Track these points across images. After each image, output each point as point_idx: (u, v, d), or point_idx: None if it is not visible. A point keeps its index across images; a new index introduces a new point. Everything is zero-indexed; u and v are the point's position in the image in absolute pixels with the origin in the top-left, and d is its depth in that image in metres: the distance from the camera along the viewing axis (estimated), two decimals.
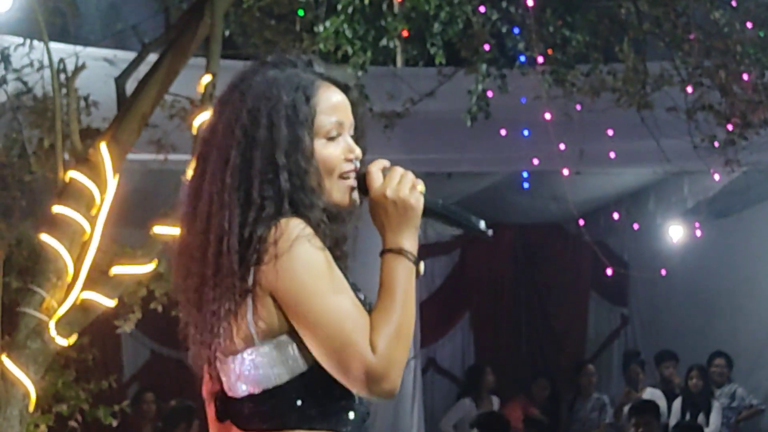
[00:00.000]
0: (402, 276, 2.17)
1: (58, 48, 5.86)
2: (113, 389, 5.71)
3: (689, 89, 6.99)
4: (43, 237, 4.85)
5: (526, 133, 7.61)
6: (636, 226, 9.90)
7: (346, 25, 6.44)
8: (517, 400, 9.57)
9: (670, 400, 9.18)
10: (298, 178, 2.18)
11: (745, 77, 6.87)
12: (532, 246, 10.82)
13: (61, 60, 5.32)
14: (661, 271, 9.06)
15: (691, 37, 6.86)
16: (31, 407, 4.75)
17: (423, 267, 2.26)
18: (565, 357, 10.69)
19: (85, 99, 5.55)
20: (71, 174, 4.95)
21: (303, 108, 2.21)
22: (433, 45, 6.73)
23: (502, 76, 6.96)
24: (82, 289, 4.82)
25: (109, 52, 6.91)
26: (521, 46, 7.02)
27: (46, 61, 5.32)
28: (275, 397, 2.15)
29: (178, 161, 5.27)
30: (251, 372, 2.16)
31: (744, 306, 9.66)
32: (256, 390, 2.16)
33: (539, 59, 6.84)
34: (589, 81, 7.18)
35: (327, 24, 6.49)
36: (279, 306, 2.12)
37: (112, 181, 4.98)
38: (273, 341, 2.14)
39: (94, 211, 4.95)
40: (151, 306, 5.37)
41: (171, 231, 4.72)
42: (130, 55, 5.98)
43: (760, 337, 9.56)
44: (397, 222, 2.21)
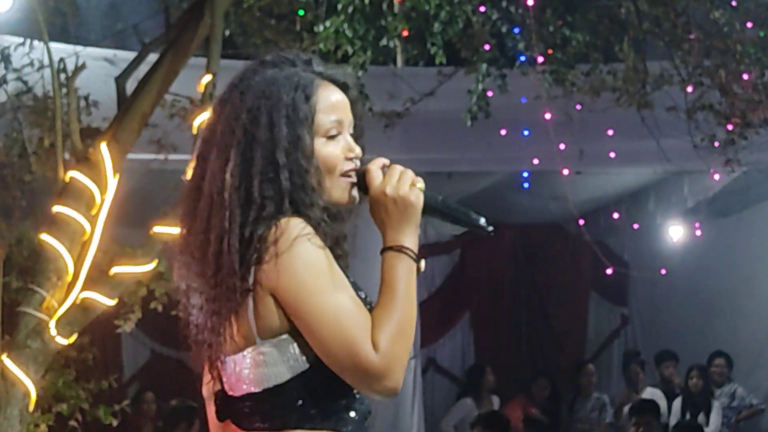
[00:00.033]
0: (403, 273, 2.17)
1: (58, 48, 5.85)
2: (113, 389, 5.69)
3: (689, 89, 7.00)
4: (43, 237, 4.85)
5: (526, 132, 7.61)
6: (636, 226, 9.91)
7: (346, 25, 6.44)
8: (517, 400, 9.56)
9: (670, 399, 9.18)
10: (299, 177, 2.17)
11: (745, 77, 6.87)
12: (532, 246, 10.82)
13: (61, 60, 5.32)
14: (661, 271, 9.07)
15: (691, 36, 6.86)
16: (31, 407, 4.74)
17: (424, 264, 2.26)
18: (565, 357, 10.69)
19: (86, 99, 5.55)
20: (71, 174, 4.94)
21: (303, 107, 2.21)
22: (433, 45, 6.73)
23: (502, 76, 6.96)
24: (82, 288, 4.82)
25: (109, 52, 6.90)
26: (521, 45, 7.02)
27: (46, 61, 5.31)
28: (276, 396, 2.15)
29: (178, 161, 5.26)
30: (252, 371, 2.15)
31: (744, 306, 9.65)
32: (257, 389, 2.16)
33: (539, 59, 6.84)
34: (589, 81, 7.18)
35: (327, 24, 6.48)
36: (280, 305, 2.12)
37: (112, 180, 4.98)
38: (274, 340, 2.14)
39: (94, 211, 4.94)
40: (151, 306, 5.36)
41: (171, 231, 4.72)
42: (130, 54, 5.97)
43: (760, 337, 9.55)
44: (398, 219, 2.21)
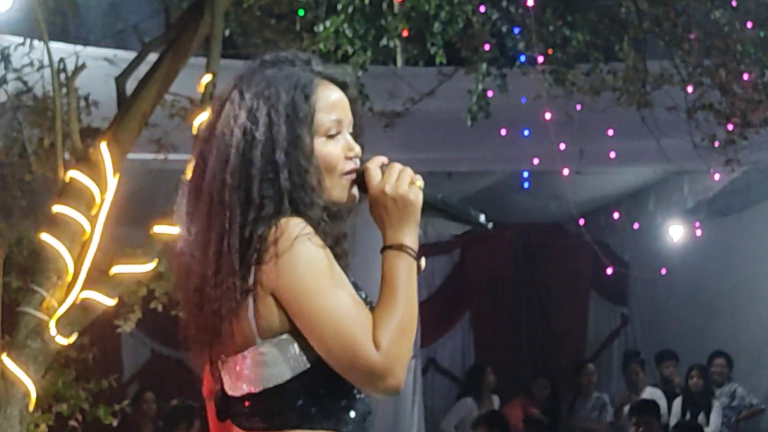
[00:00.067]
0: (403, 272, 2.16)
1: (58, 47, 5.85)
2: (113, 389, 5.70)
3: (689, 88, 6.99)
4: (43, 236, 4.85)
5: (526, 132, 7.60)
6: (636, 226, 9.91)
7: (346, 25, 6.43)
8: (517, 400, 9.56)
9: (671, 399, 9.18)
10: (298, 176, 2.17)
11: (745, 77, 6.87)
12: (532, 246, 10.81)
13: (61, 59, 5.32)
14: (661, 271, 9.06)
15: (691, 36, 6.86)
16: (31, 407, 4.74)
17: (424, 262, 2.26)
18: (565, 357, 10.69)
19: (86, 98, 5.54)
20: (71, 173, 4.94)
21: (302, 106, 2.21)
22: (433, 44, 6.72)
23: (502, 76, 6.95)
24: (82, 288, 4.82)
25: (109, 52, 6.89)
26: (521, 45, 7.01)
27: (46, 61, 5.31)
28: (276, 396, 2.15)
29: (178, 161, 5.26)
30: (252, 371, 2.15)
31: (744, 306, 9.65)
32: (257, 389, 2.16)
33: (539, 59, 6.84)
34: (589, 80, 7.18)
35: (327, 23, 6.48)
36: (280, 305, 2.12)
37: (112, 180, 4.98)
38: (274, 340, 2.14)
39: (94, 211, 4.94)
40: (151, 305, 5.37)
41: (171, 231, 4.71)
42: (130, 54, 5.97)
43: (760, 337, 9.55)
44: (397, 218, 2.21)
